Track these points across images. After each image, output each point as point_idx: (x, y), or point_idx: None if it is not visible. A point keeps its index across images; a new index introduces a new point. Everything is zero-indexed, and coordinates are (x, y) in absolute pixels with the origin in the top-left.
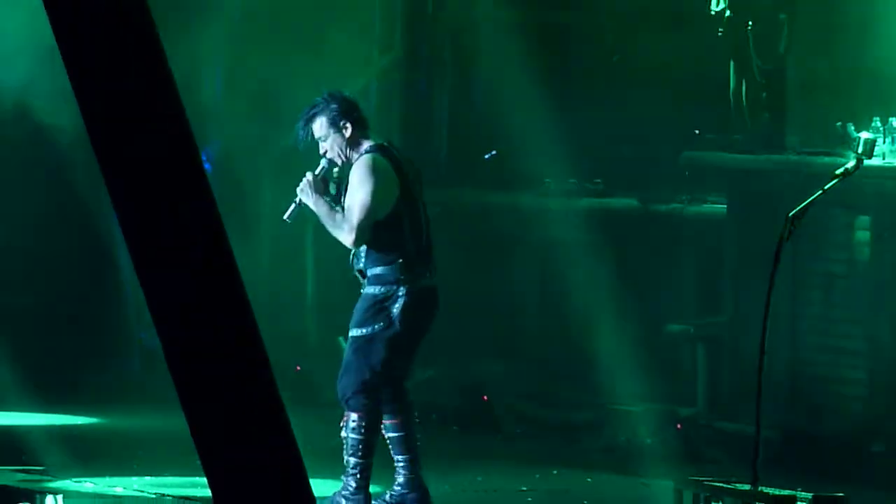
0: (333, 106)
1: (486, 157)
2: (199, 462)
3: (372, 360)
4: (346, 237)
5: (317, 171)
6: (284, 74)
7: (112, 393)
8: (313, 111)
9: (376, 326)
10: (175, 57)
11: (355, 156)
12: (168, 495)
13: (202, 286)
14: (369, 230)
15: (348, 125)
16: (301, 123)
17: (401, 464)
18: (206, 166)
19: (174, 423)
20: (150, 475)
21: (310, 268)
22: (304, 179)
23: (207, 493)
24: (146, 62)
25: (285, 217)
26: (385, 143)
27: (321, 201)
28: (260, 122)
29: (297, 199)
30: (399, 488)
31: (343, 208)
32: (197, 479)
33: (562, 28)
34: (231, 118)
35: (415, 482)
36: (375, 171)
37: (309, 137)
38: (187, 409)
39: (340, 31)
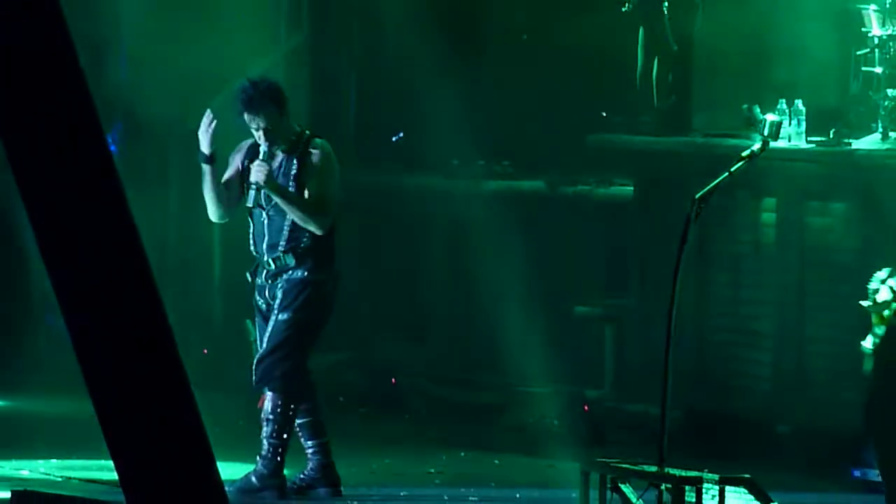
0: (274, 94)
1: (394, 139)
2: (105, 445)
3: (303, 343)
4: (320, 224)
5: (262, 158)
6: (191, 53)
7: (17, 375)
8: (257, 99)
9: (312, 310)
10: (80, 37)
11: (288, 141)
12: (74, 478)
13: (108, 269)
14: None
15: (285, 110)
16: (249, 112)
17: (311, 449)
18: (112, 148)
19: (80, 405)
20: (57, 458)
21: (216, 250)
22: (260, 168)
23: (114, 475)
24: (50, 43)
25: (249, 204)
26: (302, 126)
27: (284, 189)
28: (167, 102)
29: (255, 185)
30: (310, 472)
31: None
32: (103, 461)
33: (471, 7)
34: (137, 99)
35: (326, 467)
36: (334, 158)
37: (250, 125)
38: (94, 392)
39: (248, 10)
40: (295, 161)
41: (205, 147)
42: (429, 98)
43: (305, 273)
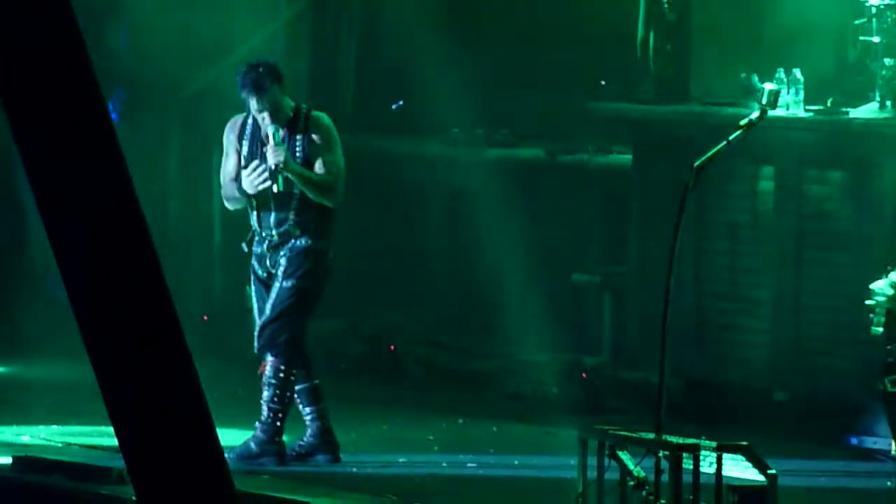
0: (273, 74)
1: (394, 107)
2: (105, 411)
3: (305, 310)
4: (333, 198)
5: (278, 141)
6: (192, 21)
7: (17, 341)
8: (259, 82)
9: (314, 278)
10: (80, 5)
11: (291, 117)
12: (75, 444)
13: (109, 237)
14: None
15: (283, 88)
16: (257, 96)
17: (310, 415)
18: (113, 115)
19: (81, 372)
20: (57, 424)
21: (217, 219)
22: (277, 152)
23: (114, 442)
24: (50, 11)
25: (275, 191)
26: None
27: (299, 168)
28: (167, 70)
29: (273, 166)
30: (310, 439)
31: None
32: (104, 427)
33: None
34: (138, 67)
35: (324, 433)
36: (335, 130)
37: (253, 107)
38: (94, 358)
39: None
40: (299, 138)
41: (250, 190)
42: (428, 66)
43: (309, 242)
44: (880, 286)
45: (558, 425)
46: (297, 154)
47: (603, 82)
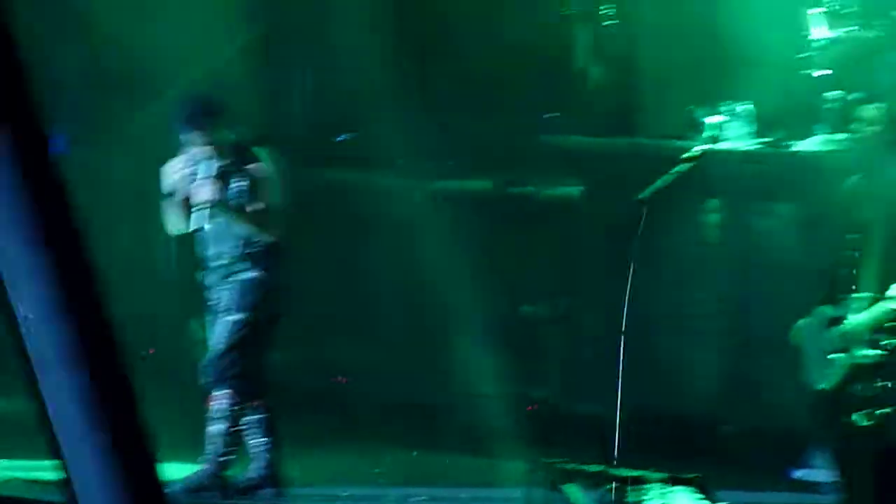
0: (212, 107)
1: (342, 138)
2: (47, 445)
3: (255, 344)
4: (271, 231)
5: (215, 175)
6: (147, 48)
7: None
8: (204, 115)
9: (263, 311)
10: (30, 31)
11: (230, 150)
12: (17, 478)
13: (53, 265)
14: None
15: (222, 122)
16: (196, 129)
17: (258, 448)
18: (61, 148)
19: (21, 404)
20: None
21: (164, 248)
22: (210, 185)
23: (55, 476)
24: None
25: (202, 223)
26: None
27: (235, 204)
28: (116, 100)
29: (206, 203)
30: (256, 472)
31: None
32: (45, 461)
33: (419, 7)
34: (86, 96)
35: (271, 466)
36: (274, 164)
37: (190, 139)
38: (35, 390)
39: (203, 4)
40: (239, 170)
41: (170, 188)
42: (377, 98)
43: (257, 274)
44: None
45: (507, 458)
46: (236, 187)
47: (552, 115)
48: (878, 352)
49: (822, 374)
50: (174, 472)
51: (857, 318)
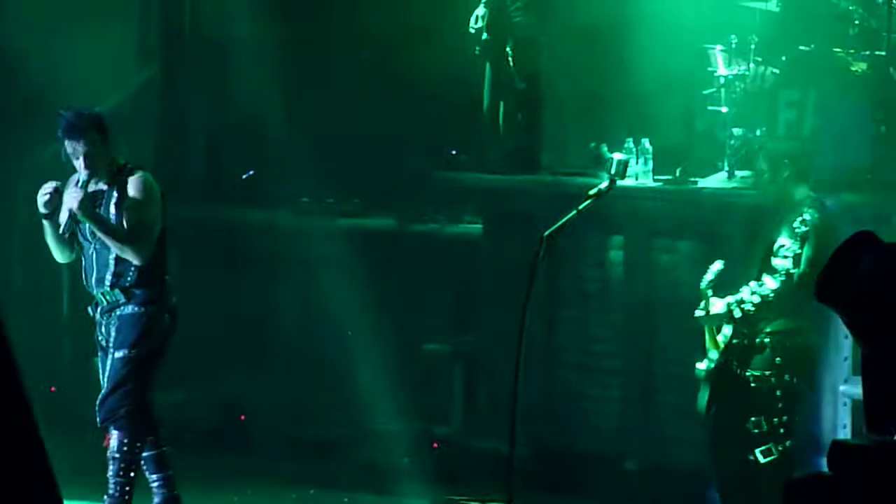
0: (96, 122)
1: (244, 177)
2: None
3: (144, 379)
4: (136, 252)
5: (79, 185)
6: (40, 83)
7: None
8: (80, 126)
9: (147, 345)
10: None
11: (109, 171)
12: None
13: None
14: (153, 248)
15: (104, 139)
16: (70, 139)
17: (156, 483)
18: None
19: None
20: None
21: (64, 284)
22: (75, 195)
23: None
24: None
25: (61, 233)
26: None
27: (98, 215)
28: (13, 134)
29: (69, 212)
30: None
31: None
32: None
33: (319, 44)
34: None
35: (171, 500)
36: (155, 189)
37: (67, 150)
38: None
39: (98, 43)
40: (115, 191)
41: (42, 209)
42: (278, 136)
43: (136, 308)
44: (711, 300)
45: (409, 496)
46: (109, 206)
47: (453, 151)
48: (703, 370)
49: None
50: None
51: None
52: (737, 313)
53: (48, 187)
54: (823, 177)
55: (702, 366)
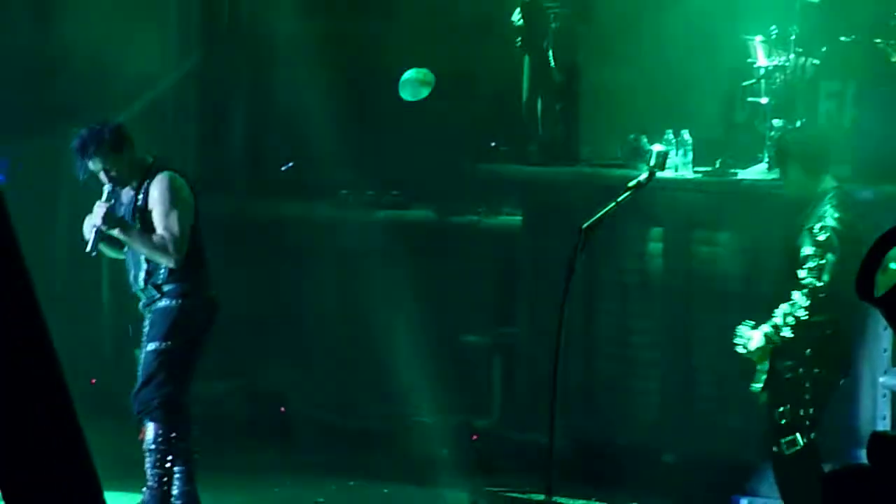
0: (109, 135)
1: (283, 168)
2: None
3: (176, 372)
4: (172, 257)
5: (105, 200)
6: (81, 92)
7: None
8: (91, 144)
9: (181, 339)
10: None
11: (139, 175)
12: None
13: None
14: (187, 246)
15: (127, 148)
16: (82, 159)
17: (176, 475)
18: (0, 178)
19: None
20: None
21: (105, 276)
22: (99, 210)
23: None
24: None
25: (88, 250)
26: (159, 157)
27: (128, 226)
28: (56, 130)
29: (96, 230)
30: (173, 500)
31: (145, 228)
32: None
33: (361, 37)
34: (22, 122)
35: (189, 493)
36: (180, 187)
37: (89, 171)
38: None
39: (137, 36)
40: (141, 195)
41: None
42: (318, 127)
43: (170, 301)
44: (746, 334)
45: (448, 487)
46: (136, 210)
47: (493, 143)
48: (757, 387)
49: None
50: (120, 502)
51: (749, 346)
52: (776, 340)
53: (86, 228)
54: (863, 168)
55: (758, 384)
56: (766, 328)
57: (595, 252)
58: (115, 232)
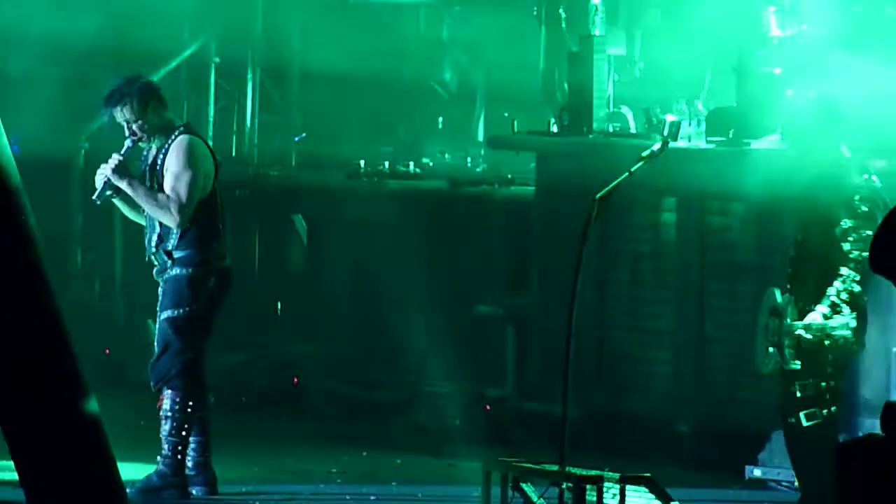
0: (138, 88)
1: (297, 139)
2: (6, 447)
3: (192, 340)
4: (173, 217)
5: (123, 152)
6: (94, 54)
7: None
8: (118, 94)
9: (194, 306)
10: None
11: (164, 136)
12: None
13: (4, 269)
14: (192, 212)
15: (155, 106)
16: (107, 107)
17: (191, 445)
18: (14, 149)
19: None
20: None
21: (118, 248)
22: (112, 160)
23: (15, 475)
24: None
25: (94, 198)
26: (188, 124)
27: (135, 181)
28: (72, 98)
29: (106, 179)
30: (187, 470)
31: (158, 188)
32: (4, 462)
33: (377, 6)
34: (39, 98)
35: (203, 465)
36: (197, 151)
37: (114, 119)
38: None
39: (150, 13)
40: (161, 156)
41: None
42: (331, 98)
43: (181, 270)
44: (799, 322)
45: (462, 457)
46: (156, 170)
47: (506, 114)
48: (797, 364)
49: (762, 361)
50: (132, 472)
51: (789, 322)
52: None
53: (99, 176)
54: (875, 139)
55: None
56: (823, 308)
57: (608, 222)
58: (124, 185)
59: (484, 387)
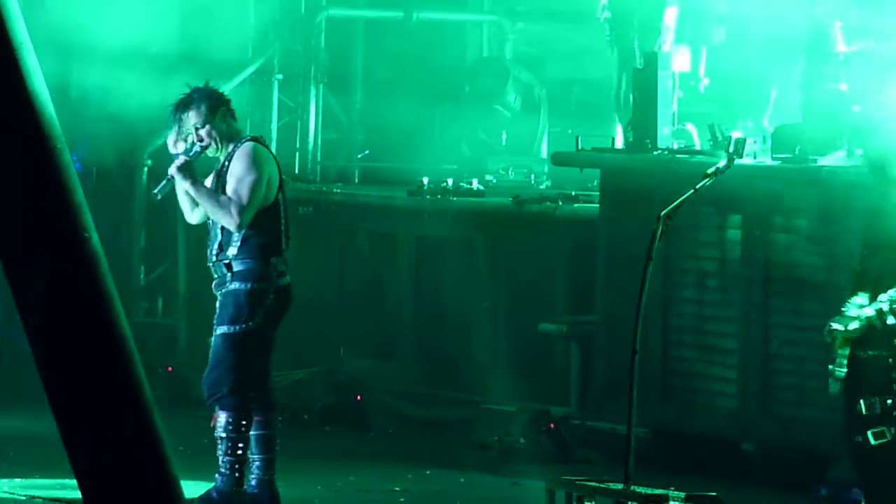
0: (208, 94)
1: (360, 156)
2: (68, 463)
3: (245, 358)
4: (233, 217)
5: (191, 155)
6: (157, 71)
7: None
8: (189, 100)
9: (250, 323)
10: (44, 54)
11: (231, 145)
12: (38, 497)
13: (70, 286)
14: (252, 215)
15: (224, 113)
16: (177, 113)
17: (256, 463)
18: (77, 166)
19: (44, 424)
20: (20, 477)
21: (181, 265)
22: (180, 159)
23: (78, 495)
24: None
25: (156, 191)
26: (258, 136)
27: (199, 182)
28: (134, 119)
29: (170, 176)
30: (250, 488)
31: (221, 192)
32: (67, 480)
33: (438, 25)
34: (104, 116)
35: (267, 483)
36: (261, 158)
37: (183, 127)
38: (57, 410)
39: (214, 30)
40: (227, 162)
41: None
42: (394, 114)
43: (239, 285)
44: (853, 313)
45: (525, 476)
46: (214, 176)
47: (569, 130)
48: (844, 370)
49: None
50: (194, 490)
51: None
52: (877, 325)
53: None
54: None
55: (840, 368)
56: (868, 311)
57: (673, 239)
58: (188, 185)
59: (548, 405)
